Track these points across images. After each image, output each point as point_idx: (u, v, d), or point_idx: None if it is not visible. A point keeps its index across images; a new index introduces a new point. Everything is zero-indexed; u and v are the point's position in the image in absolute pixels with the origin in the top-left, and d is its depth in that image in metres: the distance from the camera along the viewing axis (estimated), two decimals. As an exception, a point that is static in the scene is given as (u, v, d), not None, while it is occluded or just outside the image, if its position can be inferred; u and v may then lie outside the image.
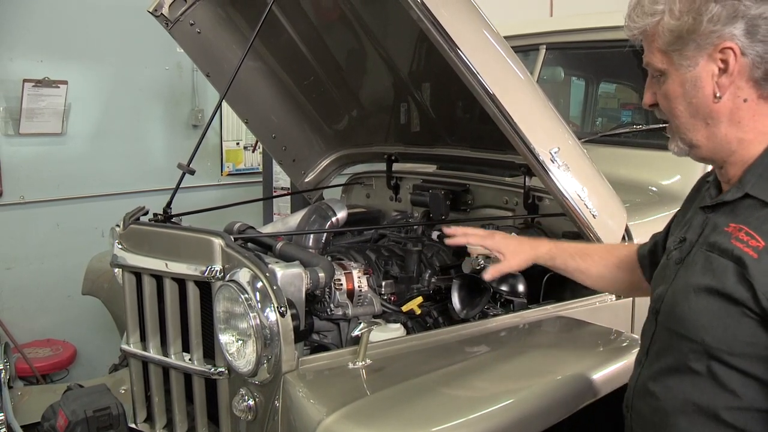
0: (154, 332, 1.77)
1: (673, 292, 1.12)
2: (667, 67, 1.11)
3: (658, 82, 1.15)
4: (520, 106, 1.57)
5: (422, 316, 1.88)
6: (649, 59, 1.14)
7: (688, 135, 1.13)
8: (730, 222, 1.06)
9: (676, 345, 1.09)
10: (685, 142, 1.14)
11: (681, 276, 1.12)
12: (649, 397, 1.14)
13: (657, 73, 1.14)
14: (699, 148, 1.13)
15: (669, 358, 1.11)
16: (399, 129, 2.49)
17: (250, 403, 1.46)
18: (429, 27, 1.44)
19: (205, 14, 2.32)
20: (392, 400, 1.29)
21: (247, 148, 4.40)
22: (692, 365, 1.06)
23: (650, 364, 1.17)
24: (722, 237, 1.05)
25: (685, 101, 1.11)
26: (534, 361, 1.55)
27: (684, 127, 1.13)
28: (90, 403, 1.79)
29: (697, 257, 1.09)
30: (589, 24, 2.64)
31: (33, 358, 3.30)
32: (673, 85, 1.11)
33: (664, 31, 1.09)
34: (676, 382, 1.09)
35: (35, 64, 3.42)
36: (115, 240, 1.87)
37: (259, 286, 1.41)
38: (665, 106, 1.15)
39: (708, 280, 1.04)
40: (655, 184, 2.23)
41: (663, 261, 1.24)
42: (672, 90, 1.12)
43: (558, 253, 1.60)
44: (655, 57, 1.12)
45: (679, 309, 1.08)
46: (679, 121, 1.13)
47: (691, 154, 1.16)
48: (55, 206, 3.59)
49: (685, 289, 1.08)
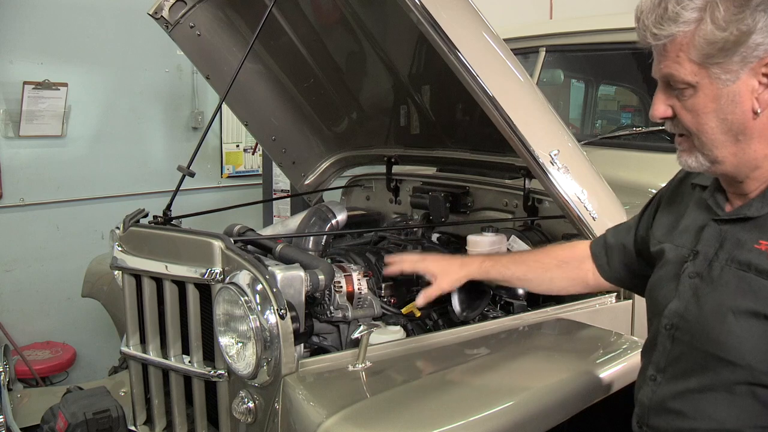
0: (153, 334, 1.77)
1: (702, 313, 1.07)
2: (700, 80, 1.01)
3: (680, 95, 1.05)
4: (520, 109, 1.58)
5: (422, 318, 1.88)
6: (674, 70, 1.03)
7: (714, 152, 1.05)
8: (759, 239, 1.01)
9: (713, 367, 1.05)
10: (709, 159, 1.06)
11: (708, 295, 1.06)
12: (674, 415, 1.11)
13: (683, 85, 1.03)
14: (723, 164, 1.06)
15: (704, 379, 1.06)
16: (399, 131, 2.49)
17: (250, 405, 1.46)
18: (429, 29, 1.44)
19: (206, 17, 2.32)
20: (392, 402, 1.29)
21: (247, 150, 4.40)
22: (732, 387, 1.02)
23: (672, 382, 1.12)
24: (757, 256, 1.01)
25: (718, 117, 1.02)
26: (534, 364, 1.55)
27: (711, 143, 1.04)
28: (90, 406, 1.79)
29: (726, 276, 1.04)
30: (589, 26, 2.64)
31: (32, 360, 3.30)
32: (705, 99, 1.02)
33: (703, 41, 0.99)
34: (708, 401, 1.05)
35: (35, 67, 3.42)
36: (115, 242, 1.87)
37: (258, 289, 1.41)
38: (690, 121, 1.05)
39: (750, 303, 0.99)
40: (655, 186, 2.22)
41: (664, 272, 1.19)
42: (702, 105, 1.02)
43: (491, 267, 1.59)
44: (684, 68, 1.02)
45: (716, 332, 1.03)
46: (706, 137, 1.04)
47: (711, 170, 1.08)
48: (54, 208, 3.59)
49: (719, 311, 1.03)
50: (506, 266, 1.58)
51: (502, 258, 1.63)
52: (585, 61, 2.99)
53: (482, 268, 1.59)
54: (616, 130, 2.70)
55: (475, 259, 1.64)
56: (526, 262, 1.58)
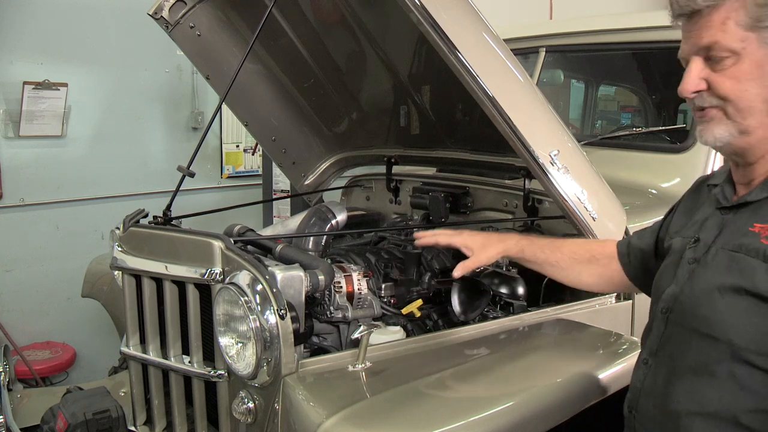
0: (153, 335, 1.77)
1: (692, 293, 1.10)
2: (747, 46, 1.02)
3: (718, 66, 1.05)
4: (520, 109, 1.58)
5: (422, 318, 1.88)
6: (719, 38, 1.04)
7: (747, 120, 1.05)
8: (754, 222, 1.04)
9: (696, 345, 1.07)
10: (739, 128, 1.07)
11: (700, 276, 1.09)
12: (661, 397, 1.13)
13: (726, 53, 1.04)
14: (751, 135, 1.07)
15: (687, 358, 1.09)
16: (399, 132, 2.49)
17: (250, 405, 1.46)
18: (428, 29, 1.44)
19: (206, 17, 2.33)
20: (392, 402, 1.29)
21: (247, 150, 4.40)
22: (713, 367, 1.04)
23: (662, 365, 1.15)
24: (749, 237, 1.03)
25: (761, 84, 1.03)
26: (534, 364, 1.55)
27: (747, 111, 1.05)
28: (89, 406, 1.79)
29: (719, 257, 1.07)
30: (589, 27, 2.64)
31: (32, 360, 3.30)
32: (750, 65, 1.03)
33: (752, 4, 1.01)
34: (693, 383, 1.08)
35: (35, 67, 3.42)
36: (115, 242, 1.87)
37: (258, 289, 1.41)
38: (730, 88, 1.05)
39: (736, 280, 1.02)
40: (655, 187, 2.23)
41: (669, 261, 1.22)
42: (746, 71, 1.03)
43: (527, 246, 1.56)
44: (729, 35, 1.02)
45: (704, 309, 1.06)
46: (743, 104, 1.05)
47: (736, 141, 1.08)
48: (54, 209, 3.59)
49: (708, 289, 1.06)
50: (541, 249, 1.55)
51: (539, 240, 1.59)
52: (585, 62, 2.99)
53: (518, 246, 1.56)
54: (615, 131, 2.70)
55: (513, 236, 1.62)
56: (561, 249, 1.54)
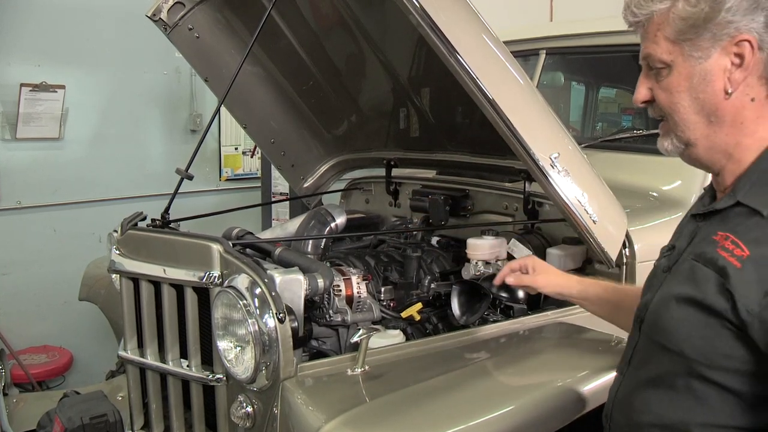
0: (151, 338, 1.77)
1: (656, 302, 1.09)
2: (674, 59, 1.05)
3: (657, 76, 1.09)
4: (520, 111, 1.58)
5: (422, 322, 1.88)
6: (651, 50, 1.07)
7: (687, 133, 1.08)
8: (718, 230, 1.03)
9: (656, 356, 1.07)
10: (682, 140, 1.09)
11: (665, 284, 1.09)
12: (627, 408, 1.13)
13: (660, 65, 1.07)
14: (695, 147, 1.08)
15: (649, 369, 1.09)
16: (398, 134, 2.50)
17: (249, 410, 1.46)
18: (428, 32, 1.45)
19: (204, 19, 2.33)
20: (391, 406, 1.30)
21: (246, 153, 4.40)
22: (669, 379, 1.04)
23: (630, 375, 1.15)
24: (709, 246, 1.02)
25: (691, 96, 1.05)
26: (534, 368, 1.55)
27: (684, 123, 1.07)
28: (87, 410, 1.79)
29: (683, 266, 1.06)
30: (590, 29, 2.65)
31: (29, 364, 3.29)
32: (679, 78, 1.05)
33: (676, 18, 1.03)
34: (651, 394, 1.07)
35: (32, 69, 3.43)
36: (113, 245, 1.87)
37: (257, 292, 1.41)
38: (665, 100, 1.08)
39: (689, 290, 1.01)
40: (656, 190, 2.24)
41: (652, 270, 1.21)
42: (676, 83, 1.06)
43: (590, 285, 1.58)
44: (660, 47, 1.06)
45: (662, 319, 1.06)
46: (679, 116, 1.08)
47: (685, 153, 1.11)
48: (52, 211, 3.59)
49: (667, 299, 1.06)
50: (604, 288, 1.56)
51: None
52: (585, 64, 2.99)
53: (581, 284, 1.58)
54: (616, 133, 2.71)
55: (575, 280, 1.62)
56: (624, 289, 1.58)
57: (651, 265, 1.28)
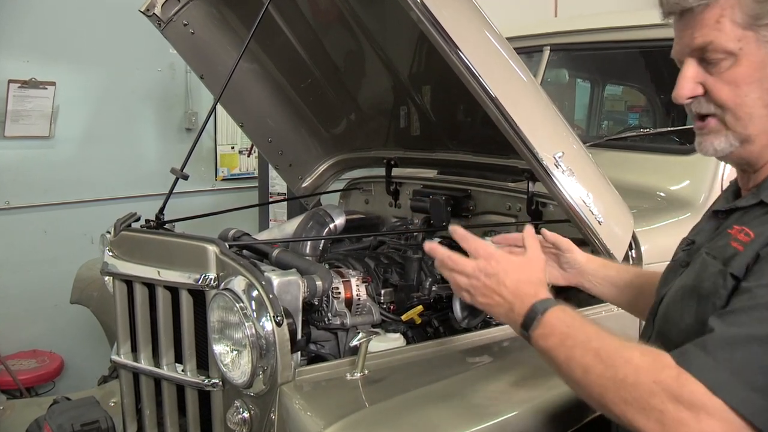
0: (145, 342, 1.78)
1: (669, 295, 1.11)
2: (744, 46, 0.97)
3: (714, 67, 1.01)
4: (523, 110, 1.59)
5: (422, 325, 1.89)
6: (712, 38, 0.99)
7: (749, 128, 1.01)
8: (735, 225, 1.03)
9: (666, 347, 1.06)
10: (740, 137, 1.02)
11: (680, 279, 1.10)
12: None
13: (721, 55, 0.99)
14: (752, 143, 1.02)
15: None
16: (398, 133, 2.51)
17: (245, 415, 1.46)
18: (429, 28, 1.46)
19: (199, 14, 2.34)
20: (391, 412, 1.30)
21: (243, 152, 4.42)
22: None
23: None
24: (723, 239, 1.03)
25: (762, 87, 0.99)
26: (539, 372, 1.55)
27: (748, 118, 1.01)
28: (78, 417, 1.79)
29: (699, 260, 1.07)
30: (595, 24, 2.66)
31: (17, 370, 3.29)
32: (749, 68, 0.98)
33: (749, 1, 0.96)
34: None
35: (21, 64, 3.43)
36: (106, 247, 1.88)
37: (254, 295, 1.42)
38: (727, 94, 1.01)
39: (694, 281, 1.03)
40: (664, 190, 2.24)
41: (669, 264, 1.23)
42: (745, 74, 0.98)
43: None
44: (725, 34, 0.98)
45: (670, 312, 1.08)
46: (744, 111, 1.00)
47: (737, 152, 1.05)
48: (42, 212, 3.60)
49: (675, 293, 1.07)
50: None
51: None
52: (591, 60, 3.00)
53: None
54: (623, 132, 2.72)
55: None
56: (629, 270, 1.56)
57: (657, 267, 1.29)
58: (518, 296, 1.17)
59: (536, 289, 1.17)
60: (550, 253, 1.56)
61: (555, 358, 1.09)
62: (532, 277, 1.20)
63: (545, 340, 1.11)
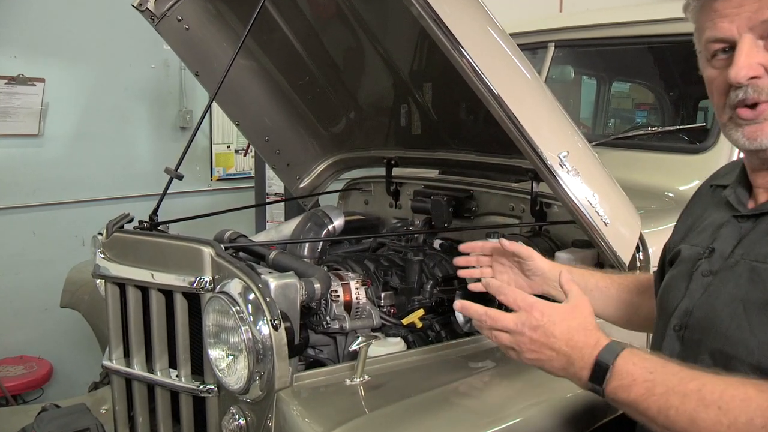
0: (138, 347, 1.79)
1: (712, 308, 1.06)
2: None
3: None
4: (527, 108, 1.59)
5: (423, 329, 1.90)
6: None
7: None
8: None
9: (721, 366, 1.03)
10: None
11: (719, 290, 1.06)
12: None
13: None
14: None
15: None
16: (399, 132, 2.51)
17: (241, 422, 1.47)
18: (431, 24, 1.46)
19: (194, 9, 2.34)
20: (392, 418, 1.31)
21: (239, 151, 4.43)
22: None
23: None
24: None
25: None
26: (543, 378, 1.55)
27: None
28: (67, 425, 1.79)
29: (740, 269, 1.04)
30: (601, 20, 2.67)
31: (3, 377, 3.28)
32: None
33: None
34: None
35: (9, 60, 3.43)
36: (98, 249, 1.89)
37: (251, 298, 1.42)
38: None
39: (761, 294, 0.99)
40: (672, 190, 2.25)
41: (676, 271, 1.20)
42: None
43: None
44: None
45: (725, 327, 1.03)
46: None
47: None
48: (31, 213, 3.60)
49: (730, 305, 1.03)
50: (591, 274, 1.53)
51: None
52: (597, 57, 3.01)
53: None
54: (629, 130, 2.72)
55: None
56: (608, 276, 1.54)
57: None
58: (575, 348, 1.07)
59: (594, 336, 1.08)
60: (513, 262, 1.57)
61: (646, 410, 0.99)
62: (585, 323, 1.10)
63: (627, 392, 1.01)
